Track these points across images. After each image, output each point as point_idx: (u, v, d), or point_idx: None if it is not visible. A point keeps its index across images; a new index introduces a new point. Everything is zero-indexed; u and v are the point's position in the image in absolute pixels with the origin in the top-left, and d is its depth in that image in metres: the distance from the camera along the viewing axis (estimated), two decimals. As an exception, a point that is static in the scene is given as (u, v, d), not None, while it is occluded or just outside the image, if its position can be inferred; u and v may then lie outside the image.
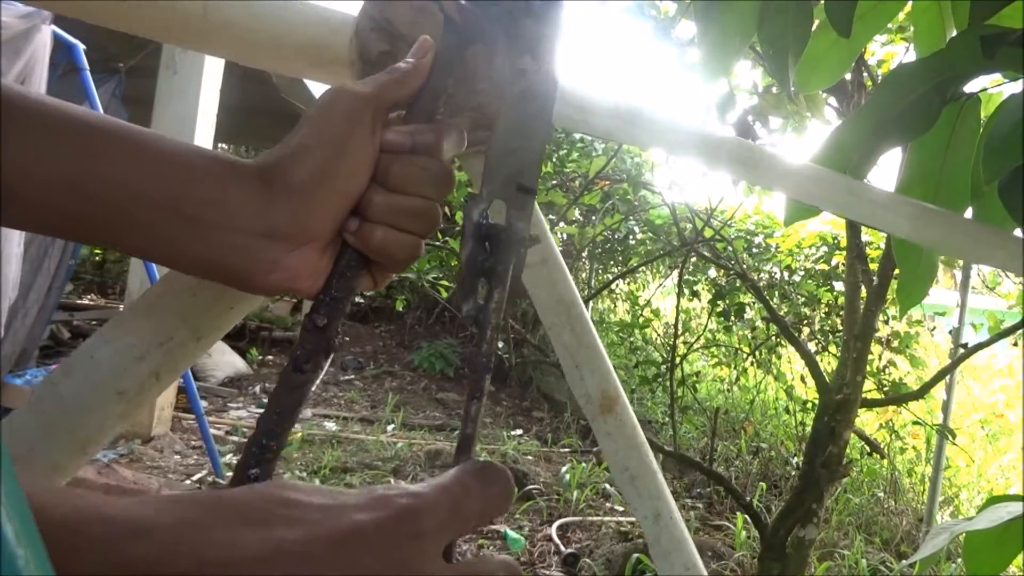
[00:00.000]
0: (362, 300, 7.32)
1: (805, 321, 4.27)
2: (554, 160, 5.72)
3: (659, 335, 5.58)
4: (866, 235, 3.56)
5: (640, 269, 5.85)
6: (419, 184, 0.43)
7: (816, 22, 0.84)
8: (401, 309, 5.31)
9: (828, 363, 3.83)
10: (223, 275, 0.41)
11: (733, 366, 4.94)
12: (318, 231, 0.41)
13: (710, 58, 0.86)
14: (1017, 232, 0.67)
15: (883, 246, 2.30)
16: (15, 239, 2.98)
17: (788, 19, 0.73)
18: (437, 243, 3.70)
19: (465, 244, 0.42)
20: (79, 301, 6.55)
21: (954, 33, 0.80)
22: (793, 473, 3.99)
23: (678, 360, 3.73)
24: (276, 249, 0.40)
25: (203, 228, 0.39)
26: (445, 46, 0.46)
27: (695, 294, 5.24)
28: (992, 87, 0.78)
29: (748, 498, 2.64)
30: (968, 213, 0.76)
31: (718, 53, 0.85)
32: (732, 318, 4.61)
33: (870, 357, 2.71)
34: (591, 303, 6.12)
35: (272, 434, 0.39)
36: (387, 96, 0.43)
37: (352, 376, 5.86)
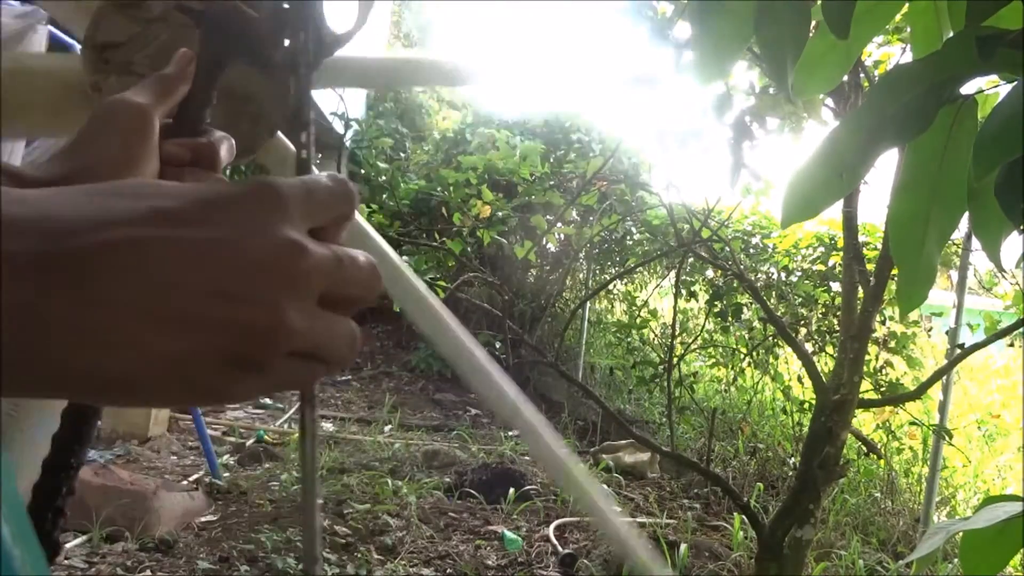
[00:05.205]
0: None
1: (802, 322, 4.28)
2: (551, 161, 5.72)
3: (656, 336, 5.57)
4: (863, 236, 3.57)
5: (637, 270, 5.85)
6: None
7: (813, 23, 0.84)
8: (398, 309, 5.30)
9: (825, 364, 3.83)
10: None
11: (730, 367, 4.94)
12: None
13: (705, 61, 0.86)
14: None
15: (880, 247, 2.31)
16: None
17: (785, 21, 0.73)
18: (434, 244, 3.70)
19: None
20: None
21: (951, 34, 0.80)
22: (790, 473, 4.00)
23: (675, 361, 3.74)
24: None
25: None
26: (204, 57, 0.47)
27: (692, 295, 5.25)
28: (988, 88, 0.78)
29: (745, 499, 2.64)
30: (965, 216, 0.76)
31: (713, 56, 0.85)
32: (729, 319, 4.61)
33: (867, 357, 2.71)
34: (588, 303, 6.12)
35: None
36: (162, 106, 0.45)
37: (349, 377, 5.85)
